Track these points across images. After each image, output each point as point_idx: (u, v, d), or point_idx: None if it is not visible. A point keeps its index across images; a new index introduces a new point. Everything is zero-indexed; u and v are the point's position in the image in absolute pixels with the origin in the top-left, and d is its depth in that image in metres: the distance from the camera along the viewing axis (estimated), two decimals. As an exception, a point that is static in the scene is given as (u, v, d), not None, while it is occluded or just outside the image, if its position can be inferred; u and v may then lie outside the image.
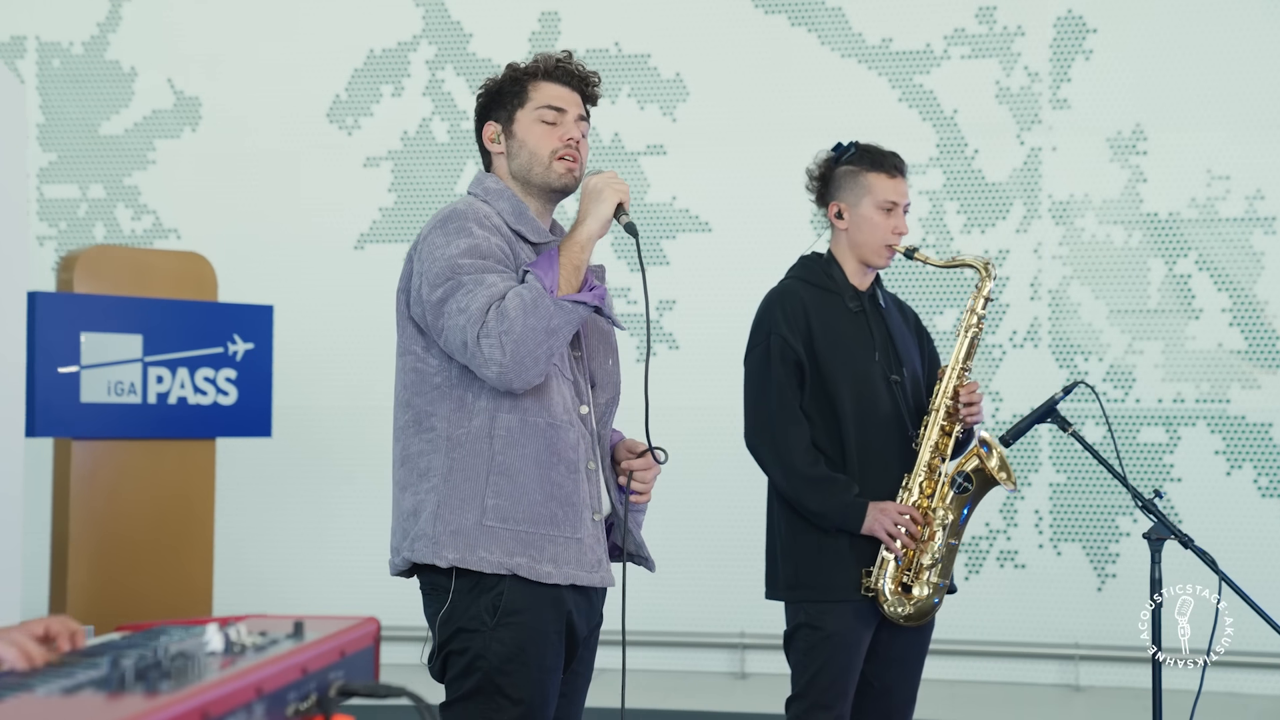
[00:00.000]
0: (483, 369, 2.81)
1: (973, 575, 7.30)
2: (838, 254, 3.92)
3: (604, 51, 7.62)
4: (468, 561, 2.87)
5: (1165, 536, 3.61)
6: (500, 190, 3.05)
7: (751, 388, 3.82)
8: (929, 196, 7.37)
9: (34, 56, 7.96)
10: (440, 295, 2.86)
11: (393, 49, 7.75)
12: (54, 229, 7.93)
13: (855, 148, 3.88)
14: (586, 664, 3.15)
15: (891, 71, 7.42)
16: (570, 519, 2.92)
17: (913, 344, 3.97)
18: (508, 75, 3.11)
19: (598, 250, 3.15)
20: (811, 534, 3.73)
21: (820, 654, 3.71)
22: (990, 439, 3.85)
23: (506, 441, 2.89)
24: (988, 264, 3.91)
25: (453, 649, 2.91)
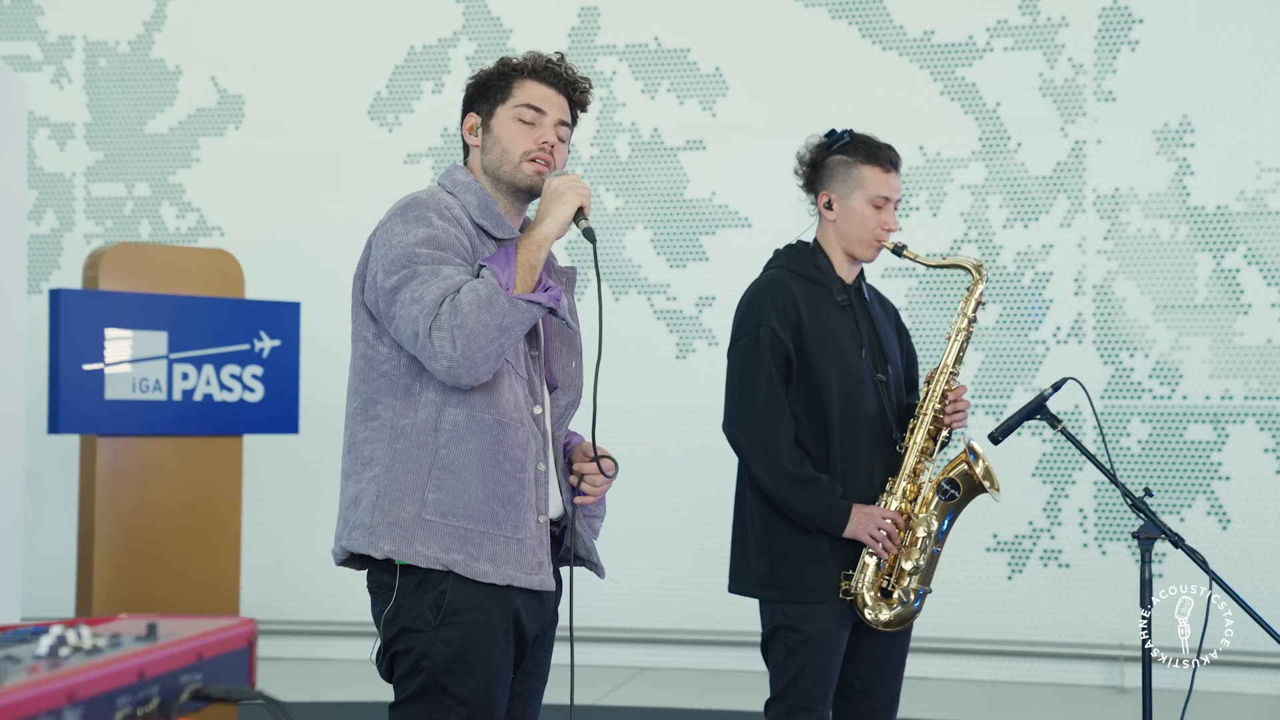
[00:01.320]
0: (432, 361, 2.79)
1: (1016, 575, 7.20)
2: (825, 245, 3.83)
3: (643, 46, 7.59)
4: (404, 554, 2.84)
5: (1155, 536, 3.54)
6: (468, 184, 3.01)
7: (736, 378, 3.74)
8: (971, 191, 7.28)
9: (81, 56, 8.03)
10: (394, 283, 2.83)
11: (433, 45, 7.75)
12: (100, 227, 8.00)
13: (850, 136, 3.80)
14: (541, 664, 3.10)
15: (933, 64, 7.33)
16: (512, 519, 2.88)
17: (894, 340, 3.90)
18: (496, 69, 3.06)
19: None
20: (791, 534, 3.66)
21: (800, 656, 3.65)
22: (978, 446, 3.77)
23: (452, 436, 2.85)
24: (979, 266, 3.82)
25: (398, 649, 2.88)
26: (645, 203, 7.61)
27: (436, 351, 2.76)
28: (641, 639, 7.47)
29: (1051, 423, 3.64)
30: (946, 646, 7.23)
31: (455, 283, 2.79)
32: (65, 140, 8.02)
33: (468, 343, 2.74)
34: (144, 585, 5.18)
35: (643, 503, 7.42)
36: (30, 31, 8.06)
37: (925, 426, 3.73)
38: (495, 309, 2.75)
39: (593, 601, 7.59)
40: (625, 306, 7.55)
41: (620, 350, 7.51)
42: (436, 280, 2.79)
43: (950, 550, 7.15)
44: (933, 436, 3.74)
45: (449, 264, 2.82)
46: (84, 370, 4.99)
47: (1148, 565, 3.55)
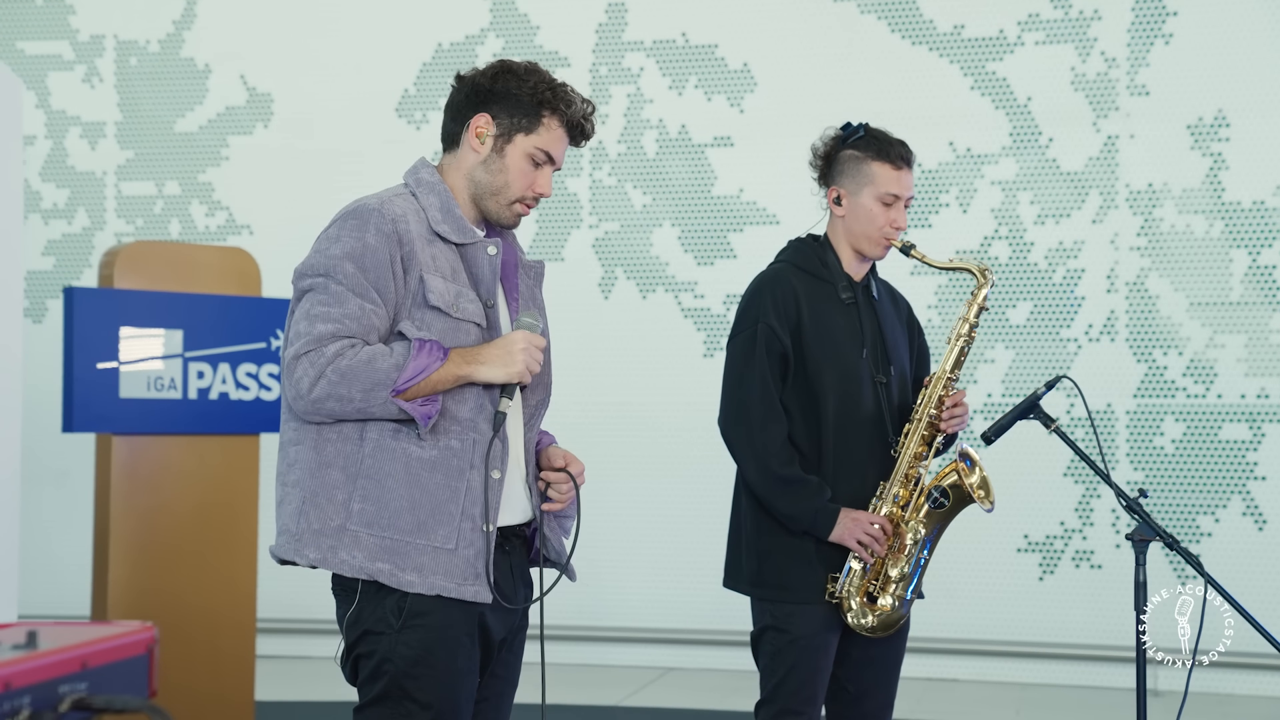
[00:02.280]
0: (285, 383, 2.78)
1: (1047, 575, 7.11)
2: (833, 240, 3.77)
3: (671, 42, 7.54)
4: (329, 563, 2.80)
5: (1150, 538, 3.47)
6: (434, 185, 2.94)
7: (732, 374, 3.68)
8: (1001, 187, 7.19)
9: (112, 55, 8.06)
10: (306, 286, 2.81)
11: (460, 43, 7.73)
12: (131, 225, 8.03)
13: (864, 130, 3.73)
14: (510, 667, 3.05)
15: (963, 59, 7.25)
16: (442, 528, 2.81)
17: (903, 339, 3.82)
18: (532, 90, 2.93)
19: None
20: (778, 533, 3.61)
21: (787, 658, 3.60)
22: (973, 454, 3.69)
23: (376, 445, 2.81)
24: (985, 269, 3.73)
25: (360, 652, 2.84)
26: (673, 200, 7.56)
27: (295, 379, 2.75)
28: (668, 639, 7.42)
29: (1045, 422, 3.57)
30: (976, 648, 7.15)
31: (360, 326, 2.75)
32: (96, 139, 8.05)
33: (325, 398, 2.73)
34: (160, 584, 5.17)
35: (670, 501, 7.38)
36: (62, 31, 8.09)
37: (920, 431, 3.66)
38: (373, 396, 2.73)
39: (618, 601, 7.60)
40: (652, 304, 7.50)
41: (648, 348, 7.48)
42: (336, 308, 2.75)
43: (981, 551, 7.15)
44: (928, 441, 3.67)
45: (362, 294, 2.77)
46: (99, 369, 4.98)
47: (1142, 568, 3.50)
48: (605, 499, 7.52)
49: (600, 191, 7.61)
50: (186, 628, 5.26)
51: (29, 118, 8.08)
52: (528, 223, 7.63)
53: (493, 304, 2.92)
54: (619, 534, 7.45)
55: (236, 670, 5.36)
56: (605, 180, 7.60)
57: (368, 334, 2.78)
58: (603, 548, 7.52)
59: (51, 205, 8.07)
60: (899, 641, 3.75)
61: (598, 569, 7.57)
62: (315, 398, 2.73)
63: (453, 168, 2.98)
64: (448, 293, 2.84)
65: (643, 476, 7.39)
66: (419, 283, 2.82)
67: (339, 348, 2.73)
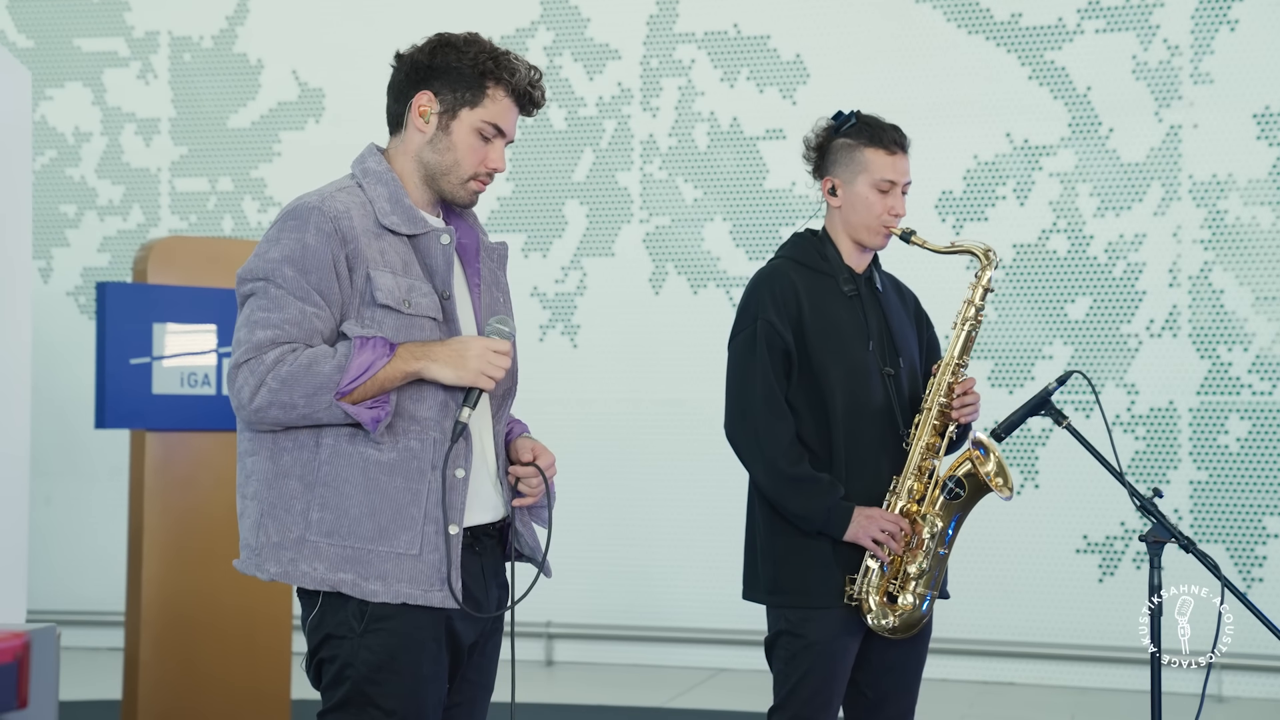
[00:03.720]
0: (228, 390, 2.70)
1: (1107, 577, 6.93)
2: (832, 233, 3.66)
3: (722, 34, 7.43)
4: (290, 577, 2.70)
5: (1165, 539, 3.33)
6: (381, 174, 2.84)
7: (734, 375, 3.60)
8: (1060, 179, 7.02)
9: (166, 51, 8.07)
10: (246, 291, 2.73)
11: (511, 36, 7.66)
12: (185, 221, 8.04)
13: (856, 118, 3.62)
14: (484, 671, 2.92)
15: (1021, 48, 7.08)
16: (404, 533, 2.71)
17: (910, 331, 3.69)
18: (472, 61, 2.84)
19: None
20: (793, 535, 3.50)
21: (802, 663, 3.48)
22: (987, 441, 3.56)
23: (333, 451, 2.71)
24: (988, 251, 3.60)
25: (323, 656, 2.75)
26: (724, 193, 7.45)
27: (236, 389, 2.67)
28: (719, 639, 7.32)
29: (1056, 419, 3.43)
30: (1034, 651, 7.00)
31: (301, 332, 2.66)
32: (151, 135, 8.07)
33: (268, 405, 2.64)
34: (193, 581, 5.15)
35: (723, 499, 7.26)
36: (118, 27, 8.11)
37: (930, 421, 3.54)
38: (317, 400, 2.63)
39: (670, 601, 7.51)
40: (704, 300, 7.40)
41: (700, 344, 7.37)
42: (279, 316, 2.66)
43: (1039, 551, 6.98)
44: (940, 431, 3.54)
45: (303, 297, 2.68)
46: (131, 365, 4.96)
47: (1157, 570, 3.37)
48: (656, 497, 7.43)
49: (651, 185, 7.52)
50: (222, 624, 5.24)
51: (86, 115, 8.12)
52: (578, 216, 7.56)
53: (449, 295, 2.81)
54: (671, 533, 7.36)
55: (272, 666, 5.34)
56: (656, 174, 7.51)
57: (310, 338, 2.68)
58: (654, 547, 7.44)
59: (107, 202, 8.10)
60: (920, 646, 3.63)
61: (649, 568, 7.49)
62: (257, 407, 2.64)
63: (400, 151, 2.89)
64: (398, 288, 2.74)
65: (694, 474, 7.28)
66: (366, 281, 2.72)
67: (279, 354, 2.64)
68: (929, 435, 3.52)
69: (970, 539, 6.94)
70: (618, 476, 7.51)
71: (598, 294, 7.55)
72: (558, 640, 7.51)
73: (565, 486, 7.36)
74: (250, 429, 2.74)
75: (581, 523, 7.40)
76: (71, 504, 7.93)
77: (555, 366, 7.56)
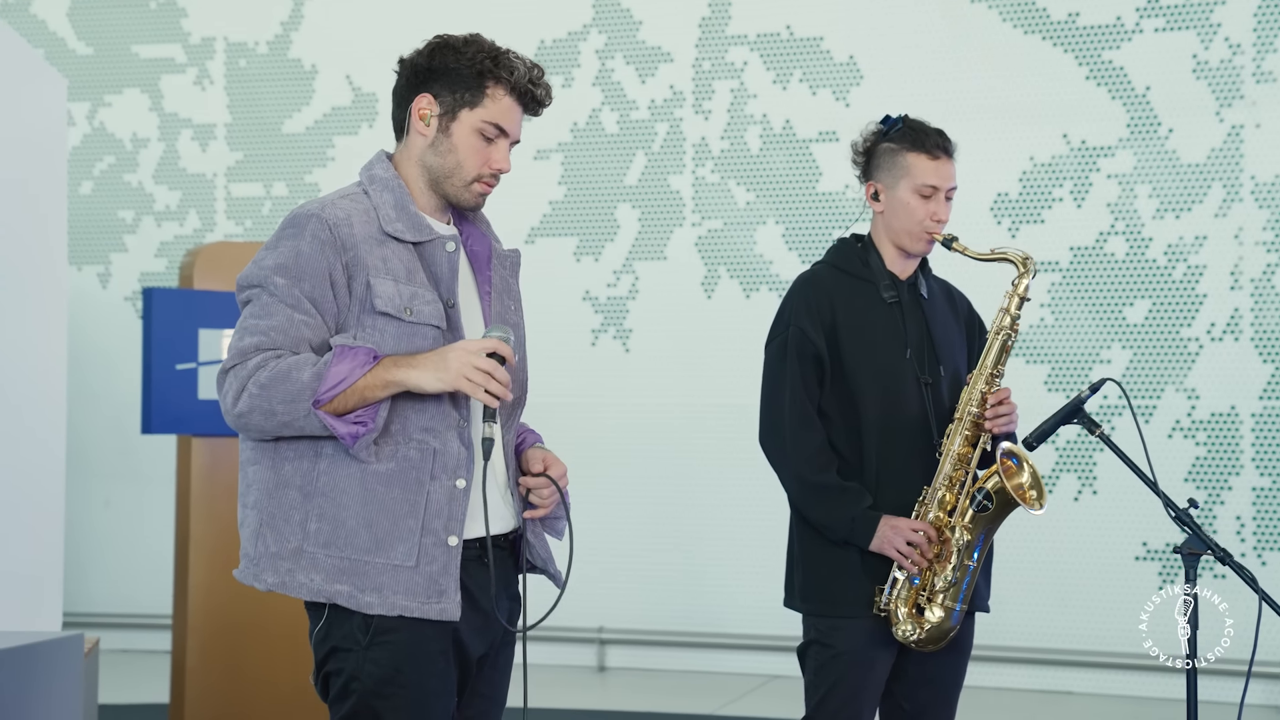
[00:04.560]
0: (218, 395, 2.70)
1: (1167, 585, 6.81)
2: (876, 238, 3.62)
3: (775, 35, 7.38)
4: (287, 587, 2.69)
5: (1201, 551, 3.25)
6: (388, 181, 2.81)
7: (767, 383, 3.58)
8: (1118, 180, 6.91)
9: (222, 57, 8.12)
10: (243, 299, 2.74)
11: (563, 39, 7.65)
12: (240, 227, 8.08)
13: (903, 122, 3.57)
14: (496, 685, 2.89)
15: (1078, 48, 6.98)
16: (402, 545, 2.68)
17: (958, 339, 3.63)
18: (471, 61, 2.83)
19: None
20: (823, 544, 3.48)
21: (830, 674, 3.46)
22: (1021, 452, 3.49)
23: (332, 461, 2.68)
24: (1026, 259, 3.55)
25: (329, 669, 2.74)
26: (777, 196, 7.40)
27: (222, 394, 2.67)
28: (772, 646, 7.25)
29: (1089, 427, 3.36)
30: (1093, 660, 6.90)
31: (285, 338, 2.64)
32: (207, 141, 8.12)
33: (249, 411, 2.63)
34: (240, 586, 5.13)
35: (777, 503, 7.18)
36: (175, 34, 8.17)
37: (962, 431, 3.47)
38: (294, 407, 2.61)
39: (722, 606, 7.45)
40: (756, 303, 7.34)
41: (752, 348, 7.25)
42: (266, 323, 2.64)
43: (1098, 559, 6.87)
44: (972, 442, 3.48)
45: (294, 305, 2.66)
46: (177, 370, 4.98)
47: (1193, 583, 3.29)
48: (708, 501, 7.39)
49: (703, 189, 7.48)
50: (269, 625, 5.25)
51: (144, 121, 8.18)
52: (630, 219, 7.53)
53: (453, 303, 2.78)
54: (724, 538, 7.31)
55: (319, 671, 5.34)
56: (708, 177, 7.47)
57: (296, 345, 2.66)
58: (707, 552, 7.39)
59: (164, 207, 8.15)
60: (959, 659, 3.58)
61: (702, 574, 7.44)
62: (239, 412, 2.64)
63: (404, 157, 2.87)
64: (399, 296, 2.71)
65: (747, 478, 7.22)
66: (366, 288, 2.70)
67: (261, 359, 2.63)
68: (961, 445, 3.46)
69: (1028, 546, 6.89)
70: (670, 481, 7.47)
71: (650, 298, 7.51)
72: (610, 646, 7.48)
73: (617, 491, 7.39)
74: (245, 437, 2.72)
75: (634, 527, 7.37)
76: (129, 507, 7.99)
77: (607, 371, 7.53)
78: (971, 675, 6.87)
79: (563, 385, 7.53)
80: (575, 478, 8.03)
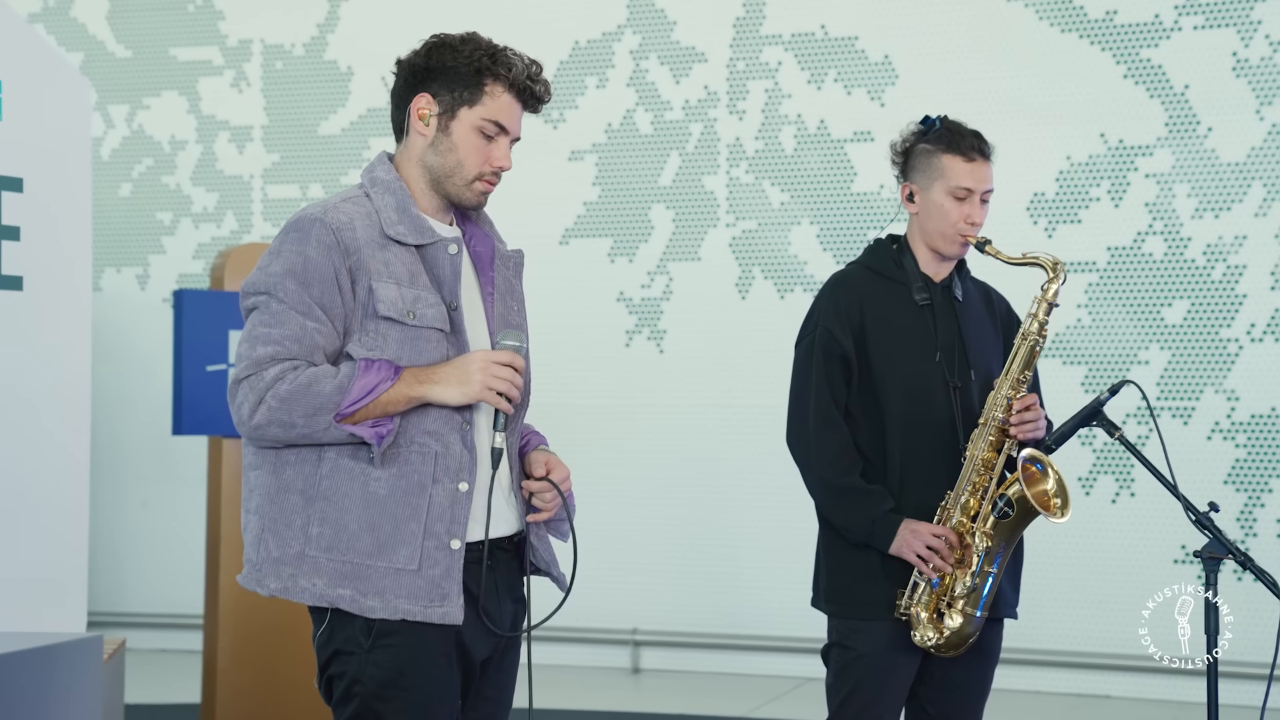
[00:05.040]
0: (230, 406, 2.67)
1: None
2: (910, 240, 3.60)
3: (810, 35, 7.35)
4: (290, 592, 2.68)
5: (1221, 555, 3.21)
6: (389, 183, 2.80)
7: (794, 384, 3.58)
8: (1156, 180, 6.84)
9: (259, 59, 8.15)
10: (249, 305, 2.71)
11: (597, 40, 7.64)
12: (277, 228, 8.07)
13: (940, 124, 3.54)
14: (502, 689, 2.87)
15: (1116, 46, 6.91)
16: (404, 548, 2.67)
17: (993, 342, 3.60)
18: (468, 59, 2.84)
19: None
20: (845, 547, 3.47)
21: (850, 677, 3.45)
22: (1044, 458, 3.44)
23: (334, 465, 2.67)
24: (1057, 264, 3.51)
25: (332, 673, 2.74)
26: (811, 197, 7.36)
27: (236, 405, 2.64)
28: (808, 648, 7.20)
29: (1109, 430, 3.33)
30: (1131, 663, 6.82)
31: (301, 348, 2.62)
32: (244, 143, 8.15)
33: (267, 423, 2.61)
34: (270, 587, 5.16)
35: (812, 505, 7.17)
36: (212, 37, 8.20)
37: (987, 437, 3.44)
38: (317, 420, 2.60)
39: (758, 608, 7.42)
40: (790, 304, 7.31)
41: (787, 349, 7.20)
42: (276, 329, 2.63)
43: (1136, 562, 6.80)
44: (996, 448, 3.45)
45: (305, 311, 2.65)
46: (208, 371, 5.00)
47: (1213, 587, 3.23)
48: (742, 503, 7.36)
49: (737, 189, 7.45)
50: (300, 626, 5.17)
51: (181, 123, 8.22)
52: (664, 220, 7.51)
53: (456, 305, 2.77)
54: (758, 539, 7.28)
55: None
56: (743, 178, 7.44)
57: (312, 354, 2.66)
58: (742, 554, 7.36)
59: (201, 209, 8.19)
60: (986, 666, 3.55)
61: (736, 575, 7.41)
62: (257, 424, 2.62)
63: (405, 158, 2.86)
64: (401, 300, 2.70)
65: (781, 480, 7.16)
66: (368, 293, 2.69)
67: (279, 371, 2.62)
68: (985, 450, 3.43)
69: (1066, 548, 6.82)
70: (704, 482, 7.45)
71: (684, 299, 7.49)
72: (644, 647, 7.46)
73: (651, 492, 7.38)
74: (253, 445, 2.72)
75: (668, 529, 7.35)
76: (165, 508, 8.03)
77: (641, 372, 7.52)
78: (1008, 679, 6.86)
79: (596, 386, 7.54)
80: (608, 479, 8.07)
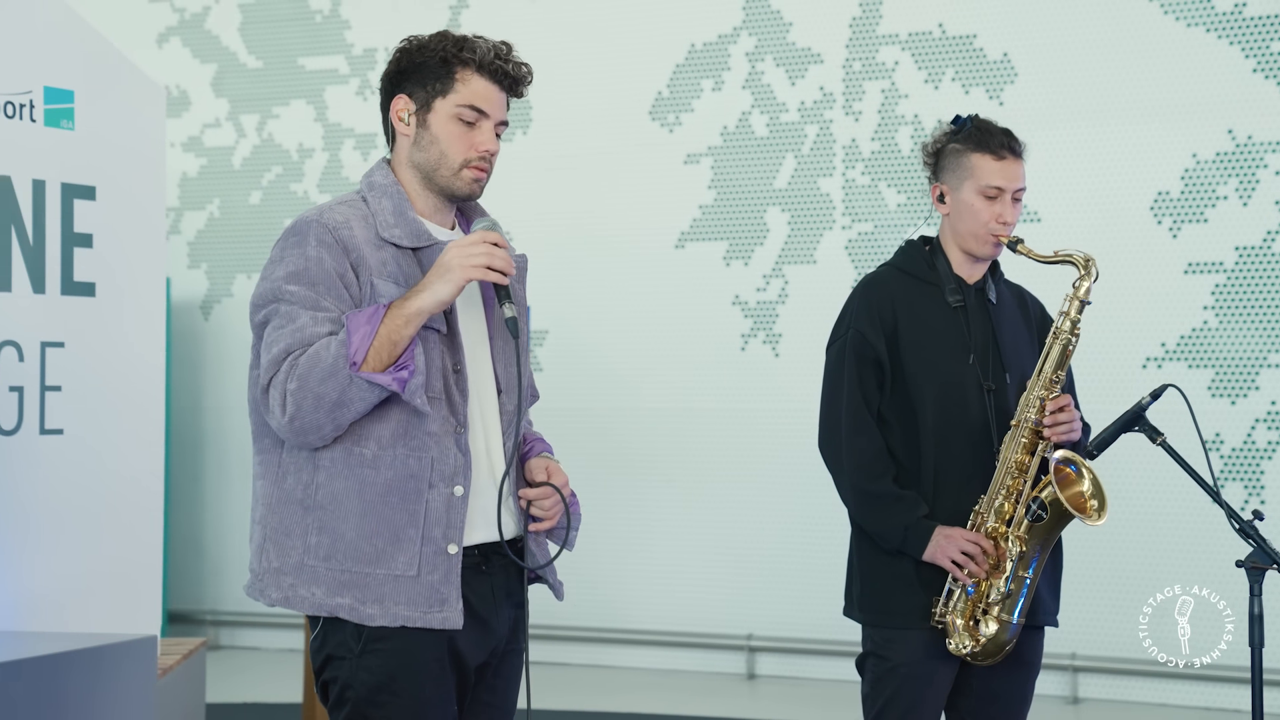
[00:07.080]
0: (269, 417, 2.66)
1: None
2: (943, 241, 3.56)
3: (927, 34, 7.23)
4: (290, 602, 2.69)
5: (1266, 565, 3.08)
6: (386, 186, 2.81)
7: (826, 388, 3.49)
8: (1288, 179, 6.62)
9: (382, 68, 8.24)
10: (261, 319, 2.72)
11: (713, 42, 7.62)
12: (400, 234, 8.21)
13: (971, 123, 3.46)
14: (500, 693, 2.85)
15: (1245, 40, 6.70)
16: (402, 554, 2.66)
17: (1028, 344, 3.51)
18: (435, 52, 2.84)
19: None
20: (878, 554, 3.40)
21: (886, 687, 3.39)
22: (1079, 459, 3.33)
23: (330, 472, 2.67)
24: (1089, 260, 3.43)
25: (326, 678, 2.73)
26: (928, 199, 7.20)
27: (271, 409, 2.64)
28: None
29: (1151, 435, 3.21)
30: (1189, 672, 6.61)
31: (305, 336, 2.62)
32: (369, 150, 8.28)
33: (298, 410, 2.59)
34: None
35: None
36: (338, 46, 8.35)
37: (1020, 439, 3.35)
38: (335, 382, 2.58)
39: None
40: (907, 307, 7.21)
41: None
42: (288, 330, 2.64)
43: (1186, 569, 6.52)
44: (1030, 450, 3.35)
45: (309, 308, 2.65)
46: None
47: (1258, 599, 3.12)
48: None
49: (853, 191, 7.37)
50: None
51: (309, 131, 8.37)
52: (779, 223, 7.45)
53: (452, 308, 2.76)
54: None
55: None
56: (859, 180, 7.35)
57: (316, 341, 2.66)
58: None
59: (328, 216, 8.32)
60: (1026, 675, 3.46)
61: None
62: (291, 416, 2.62)
63: (398, 162, 2.88)
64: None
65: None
66: (370, 288, 2.71)
67: (290, 362, 2.63)
68: (1019, 453, 3.34)
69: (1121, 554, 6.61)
70: (822, 487, 7.26)
71: (800, 302, 7.42)
72: (759, 653, 7.40)
73: (768, 497, 7.32)
74: (264, 452, 2.74)
75: (785, 534, 7.29)
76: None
77: (757, 376, 7.47)
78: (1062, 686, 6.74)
79: (713, 391, 7.51)
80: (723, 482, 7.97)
